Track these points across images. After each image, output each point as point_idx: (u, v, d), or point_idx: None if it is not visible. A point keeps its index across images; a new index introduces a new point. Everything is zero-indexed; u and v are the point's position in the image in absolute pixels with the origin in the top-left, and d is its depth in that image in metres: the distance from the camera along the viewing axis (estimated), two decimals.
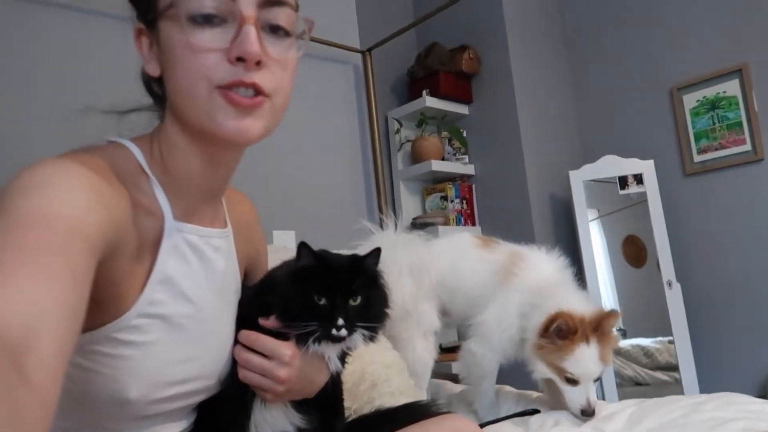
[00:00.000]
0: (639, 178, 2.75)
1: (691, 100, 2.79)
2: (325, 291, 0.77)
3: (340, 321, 0.76)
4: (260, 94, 0.67)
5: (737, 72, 2.65)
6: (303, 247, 0.80)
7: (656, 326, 2.72)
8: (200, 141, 0.71)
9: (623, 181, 2.78)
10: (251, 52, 0.64)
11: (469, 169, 3.03)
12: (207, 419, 0.81)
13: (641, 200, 2.74)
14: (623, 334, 2.82)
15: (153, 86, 0.78)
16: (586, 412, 1.36)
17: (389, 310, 0.84)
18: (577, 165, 2.91)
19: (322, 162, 2.35)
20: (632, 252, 2.92)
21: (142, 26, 0.71)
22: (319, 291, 0.77)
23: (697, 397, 1.38)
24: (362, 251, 0.84)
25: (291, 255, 0.84)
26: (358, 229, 1.56)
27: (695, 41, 2.79)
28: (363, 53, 2.56)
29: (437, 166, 2.88)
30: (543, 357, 1.40)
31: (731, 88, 2.68)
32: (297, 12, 0.72)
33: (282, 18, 0.69)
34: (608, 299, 2.83)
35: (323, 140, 2.37)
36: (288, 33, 0.70)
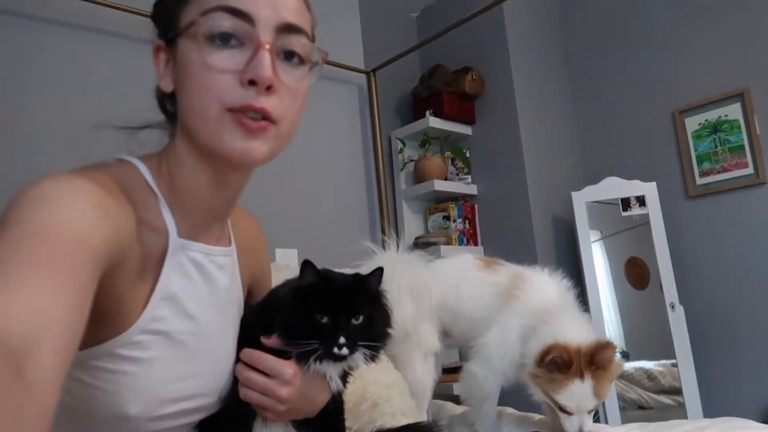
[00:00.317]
0: (641, 200, 2.76)
1: (693, 123, 2.81)
2: (328, 309, 0.77)
3: (342, 339, 0.76)
4: (267, 119, 0.68)
5: (739, 96, 2.67)
6: (306, 266, 0.80)
7: (659, 349, 2.70)
8: (208, 159, 0.72)
9: (626, 203, 2.79)
10: (263, 77, 0.65)
11: (472, 189, 3.04)
12: None
13: (644, 222, 2.74)
14: (626, 357, 2.80)
15: (166, 103, 0.79)
16: None
17: (391, 330, 0.84)
18: (580, 186, 2.92)
19: (326, 180, 2.36)
20: (635, 274, 2.91)
21: (162, 43, 0.73)
22: (322, 309, 0.77)
23: (701, 422, 1.36)
24: (364, 271, 0.84)
25: (294, 273, 0.85)
26: (360, 250, 1.57)
27: (697, 65, 2.81)
28: (367, 74, 2.59)
29: (440, 186, 2.89)
30: (537, 385, 1.39)
31: (733, 112, 2.69)
32: (312, 42, 0.73)
33: (297, 45, 0.71)
34: (611, 321, 2.82)
35: (327, 159, 2.38)
36: (302, 61, 0.72)
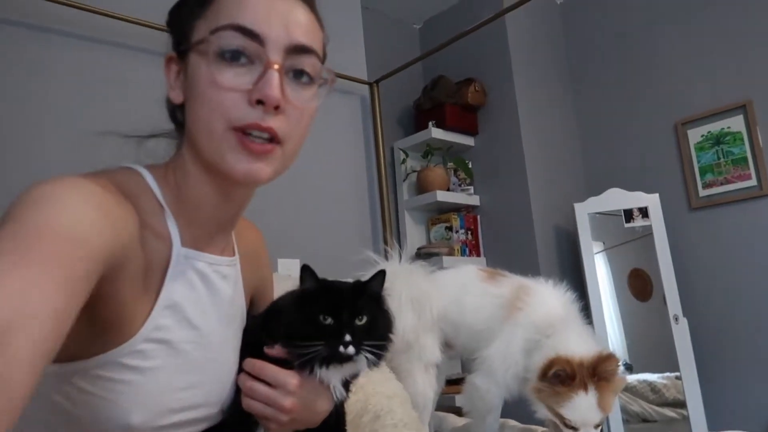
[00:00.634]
0: (644, 212, 2.75)
1: (696, 135, 2.81)
2: (331, 310, 0.77)
3: (348, 337, 0.75)
4: (273, 140, 0.69)
5: (741, 108, 2.67)
6: (305, 270, 0.80)
7: (663, 361, 2.68)
8: (212, 173, 0.73)
9: (628, 215, 2.78)
10: (271, 97, 0.66)
11: (474, 200, 3.04)
12: None
13: (646, 234, 2.73)
14: (629, 369, 2.79)
15: (177, 113, 0.80)
16: None
17: (393, 336, 0.84)
18: (582, 198, 2.91)
19: (328, 191, 2.36)
20: (638, 285, 2.90)
21: (173, 55, 0.74)
22: (325, 310, 0.76)
23: None
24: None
25: (296, 284, 0.84)
26: (362, 259, 1.56)
27: (700, 77, 2.82)
28: (370, 85, 2.60)
29: (442, 197, 2.89)
30: (541, 400, 1.38)
31: (736, 124, 2.69)
32: (323, 61, 0.74)
33: (307, 66, 0.71)
34: (614, 333, 2.81)
35: (329, 169, 2.38)
36: (311, 80, 0.72)
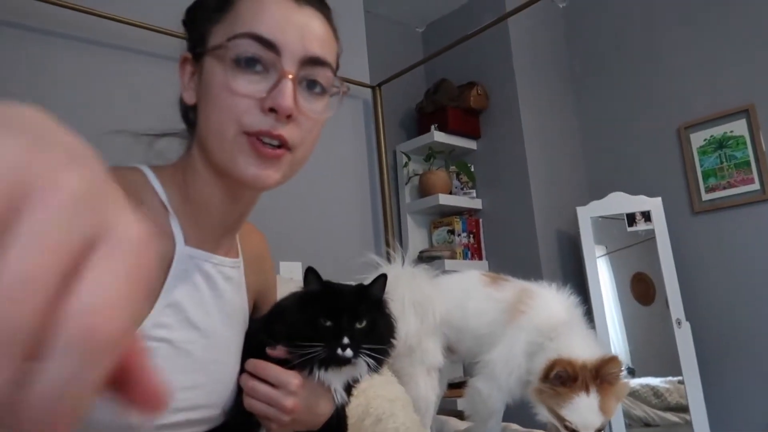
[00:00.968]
0: (647, 216, 2.74)
1: (699, 139, 2.80)
2: (331, 313, 0.78)
3: (346, 340, 0.76)
4: (283, 147, 0.69)
5: (744, 112, 2.67)
6: (310, 272, 0.81)
7: (666, 366, 2.67)
8: (221, 175, 0.73)
9: (631, 218, 2.78)
10: (284, 107, 0.67)
11: (477, 204, 3.04)
12: None
13: (649, 237, 2.73)
14: (632, 373, 2.78)
15: (189, 113, 0.80)
16: None
17: (394, 340, 0.84)
18: (585, 201, 2.91)
19: (330, 194, 2.36)
20: (640, 289, 2.89)
21: (189, 56, 0.75)
22: (326, 313, 0.78)
23: None
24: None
25: (298, 285, 0.85)
26: (365, 262, 1.56)
27: (702, 81, 2.82)
28: (373, 88, 2.60)
29: (444, 200, 2.89)
30: (542, 401, 1.37)
31: (738, 128, 2.69)
32: (336, 73, 0.75)
33: (321, 77, 0.72)
34: (616, 337, 2.80)
35: (332, 172, 2.39)
36: (324, 91, 0.73)
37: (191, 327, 0.74)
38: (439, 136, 2.96)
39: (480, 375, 1.51)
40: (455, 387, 2.25)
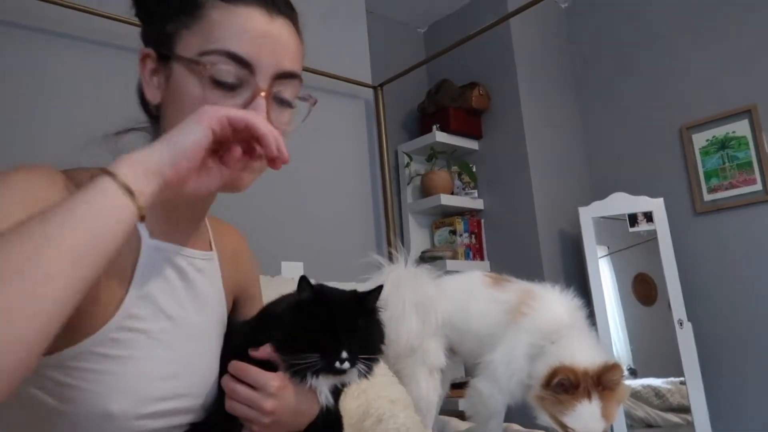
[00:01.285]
0: (649, 216, 2.74)
1: (701, 140, 2.80)
2: (329, 324, 0.77)
3: (344, 354, 0.76)
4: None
5: (746, 113, 2.67)
6: (303, 281, 0.80)
7: (667, 366, 2.67)
8: None
9: (633, 219, 2.77)
10: None
11: (478, 204, 3.04)
12: None
13: (651, 238, 2.73)
14: (634, 374, 2.78)
15: (150, 107, 0.81)
16: None
17: (384, 347, 0.84)
18: (587, 202, 2.91)
19: (332, 194, 2.36)
20: (642, 290, 2.89)
21: (152, 53, 0.74)
22: (323, 323, 0.77)
23: None
24: (370, 284, 0.84)
25: (287, 288, 0.84)
26: (367, 262, 1.56)
27: (705, 81, 2.81)
28: (374, 88, 2.60)
29: (446, 200, 2.89)
30: (544, 408, 1.37)
31: (741, 129, 2.68)
32: (301, 84, 0.78)
33: (290, 90, 0.75)
34: (618, 337, 2.80)
35: (333, 173, 2.39)
36: (291, 104, 0.77)
37: (165, 318, 0.76)
38: (441, 137, 2.96)
39: (481, 376, 1.51)
40: (457, 387, 2.26)
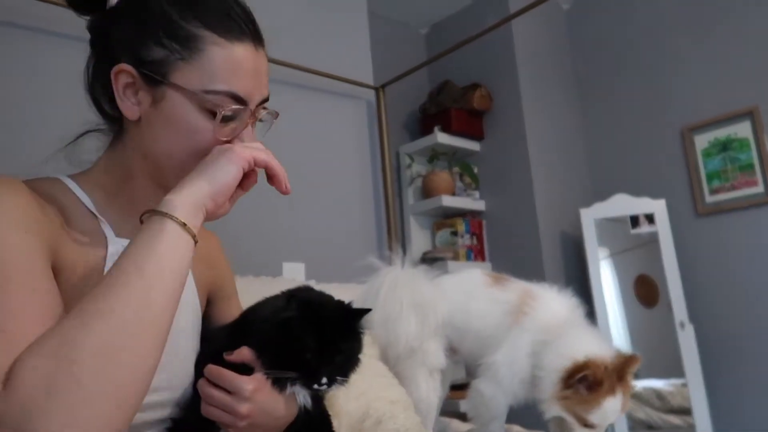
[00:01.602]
0: (651, 218, 2.74)
1: (703, 141, 2.80)
2: (312, 347, 0.77)
3: (324, 380, 0.77)
4: None
5: (748, 114, 2.66)
6: (293, 298, 0.80)
7: (669, 368, 2.67)
8: (165, 187, 0.80)
9: (635, 220, 2.77)
10: None
11: (480, 205, 3.04)
12: None
13: (653, 239, 2.72)
14: (635, 376, 2.76)
15: (104, 105, 0.82)
16: None
17: (362, 359, 0.85)
18: (588, 203, 2.91)
19: (333, 195, 2.37)
20: (644, 292, 2.88)
21: (132, 71, 0.74)
22: (305, 347, 0.77)
23: None
24: (367, 287, 0.84)
25: (296, 283, 0.84)
26: (364, 266, 1.56)
27: (707, 83, 2.81)
28: (376, 89, 2.60)
29: (448, 202, 2.89)
30: (566, 407, 1.35)
31: (742, 130, 2.68)
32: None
33: (264, 111, 0.82)
34: (619, 339, 2.79)
35: (334, 174, 2.39)
36: (262, 120, 0.84)
37: None
38: (443, 138, 2.96)
39: (483, 377, 1.51)
40: (458, 388, 2.25)
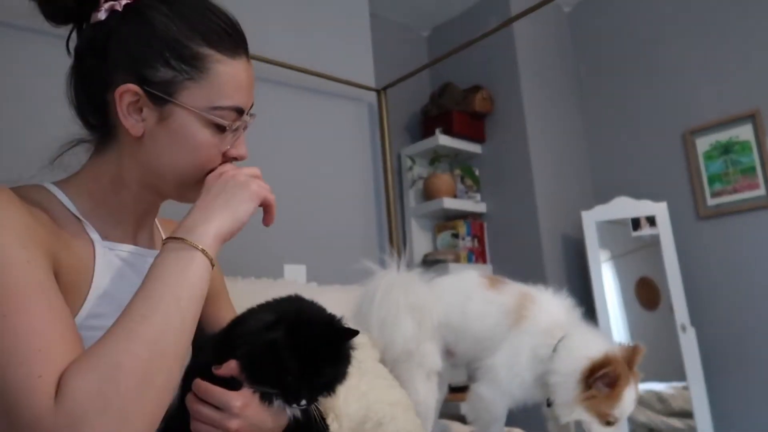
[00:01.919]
0: (652, 220, 2.74)
1: (704, 144, 2.80)
2: (294, 370, 0.76)
3: (303, 402, 0.77)
4: None
5: (750, 117, 2.66)
6: (281, 321, 0.78)
7: (670, 371, 2.66)
8: (159, 194, 0.86)
9: (636, 223, 2.77)
10: (246, 156, 0.86)
11: (481, 207, 3.04)
12: None
13: (654, 242, 2.72)
14: None
15: (89, 117, 0.84)
16: None
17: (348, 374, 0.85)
18: (590, 206, 2.91)
19: (335, 197, 2.37)
20: (645, 294, 2.88)
21: (139, 90, 0.76)
22: (288, 370, 0.76)
23: None
24: (363, 291, 0.83)
25: (301, 289, 0.83)
26: (360, 269, 1.56)
27: (708, 86, 2.81)
28: (378, 92, 2.61)
29: (449, 204, 2.89)
30: (592, 407, 1.35)
31: (744, 133, 2.68)
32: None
33: (250, 118, 0.86)
34: (621, 342, 2.79)
35: (336, 176, 2.39)
36: None
37: None
38: (444, 140, 2.96)
39: (482, 380, 1.51)
40: (459, 391, 2.25)
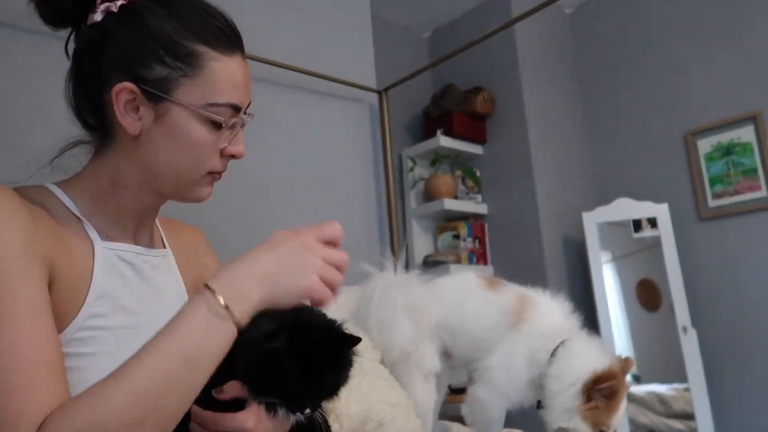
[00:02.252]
0: (653, 222, 2.74)
1: (705, 146, 2.79)
2: (296, 379, 0.74)
3: (307, 410, 0.75)
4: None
5: (751, 119, 2.66)
6: (280, 330, 0.75)
7: (671, 372, 2.66)
8: (160, 194, 0.85)
9: (637, 224, 2.77)
10: (243, 154, 0.85)
11: (482, 209, 3.04)
12: None
13: (655, 244, 2.72)
14: (637, 380, 2.77)
15: (87, 118, 0.83)
16: None
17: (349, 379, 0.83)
18: (591, 207, 2.90)
19: (336, 198, 2.37)
20: (646, 296, 2.88)
21: (135, 88, 0.76)
22: (290, 379, 0.74)
23: None
24: (361, 293, 0.83)
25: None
26: (357, 272, 1.55)
27: (709, 87, 2.81)
28: (379, 93, 2.61)
29: (450, 205, 2.89)
30: (591, 418, 1.35)
31: (746, 135, 2.68)
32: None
33: (247, 117, 0.86)
34: (622, 343, 2.79)
35: (337, 177, 2.39)
36: None
37: (126, 313, 0.80)
38: (445, 141, 2.97)
39: (479, 382, 1.50)
40: (460, 392, 2.25)
